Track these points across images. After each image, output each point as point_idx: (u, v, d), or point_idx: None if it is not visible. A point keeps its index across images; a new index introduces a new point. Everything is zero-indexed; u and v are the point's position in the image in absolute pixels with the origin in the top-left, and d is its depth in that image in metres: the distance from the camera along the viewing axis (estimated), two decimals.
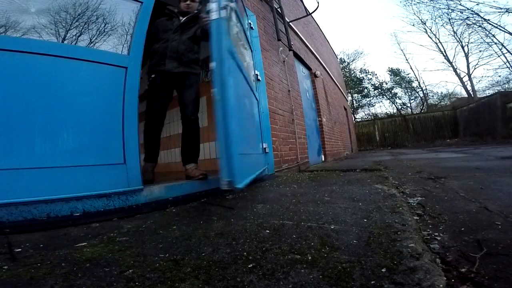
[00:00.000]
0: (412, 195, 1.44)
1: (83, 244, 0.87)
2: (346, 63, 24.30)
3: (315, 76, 5.51)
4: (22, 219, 1.15)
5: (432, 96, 22.45)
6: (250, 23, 2.83)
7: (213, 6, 1.31)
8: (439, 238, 0.80)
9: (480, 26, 14.32)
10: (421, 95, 22.41)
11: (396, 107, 23.40)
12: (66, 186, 1.27)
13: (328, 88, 6.91)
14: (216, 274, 0.62)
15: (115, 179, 1.43)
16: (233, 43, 1.62)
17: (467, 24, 14.91)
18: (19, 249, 0.83)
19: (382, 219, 0.96)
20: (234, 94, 1.35)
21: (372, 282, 0.54)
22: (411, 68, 36.36)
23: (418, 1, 16.57)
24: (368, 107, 24.68)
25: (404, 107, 23.27)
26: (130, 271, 0.65)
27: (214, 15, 1.30)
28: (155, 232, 0.98)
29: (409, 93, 23.24)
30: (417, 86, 22.73)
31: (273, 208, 1.24)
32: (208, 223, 1.07)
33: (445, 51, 19.54)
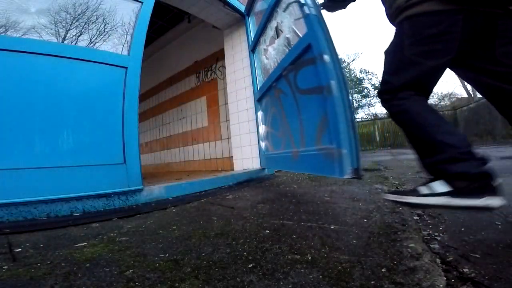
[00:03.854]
0: None
1: (83, 244, 0.87)
2: (346, 63, 24.31)
3: None
4: (22, 219, 1.15)
5: (432, 96, 22.44)
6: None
7: (309, 1, 1.30)
8: (439, 238, 0.80)
9: None
10: None
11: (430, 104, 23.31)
12: (66, 186, 1.27)
13: None
14: (216, 274, 0.62)
15: (115, 179, 1.43)
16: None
17: None
18: (19, 249, 0.83)
19: (382, 219, 0.96)
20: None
21: (372, 282, 0.54)
22: None
23: None
24: (368, 107, 24.68)
25: None
26: (130, 271, 0.65)
27: (312, 11, 1.29)
28: (155, 232, 0.98)
29: None
30: None
31: (273, 208, 1.24)
32: (208, 223, 1.07)
33: None
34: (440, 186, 0.78)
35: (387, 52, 0.98)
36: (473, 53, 0.87)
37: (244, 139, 2.89)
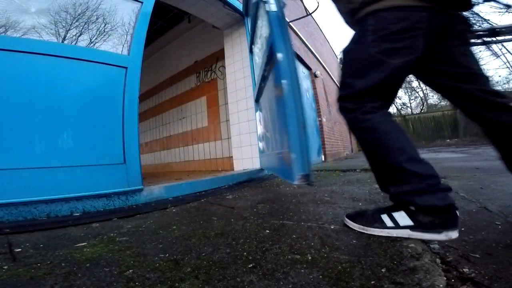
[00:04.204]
0: None
1: (83, 244, 0.87)
2: None
3: (315, 76, 5.52)
4: (22, 219, 1.15)
5: (432, 96, 22.46)
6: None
7: None
8: None
9: (480, 26, 14.33)
10: (421, 95, 22.42)
11: (396, 107, 23.39)
12: (66, 186, 1.27)
13: (328, 88, 6.91)
14: (216, 274, 0.62)
15: (115, 179, 1.43)
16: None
17: None
18: (19, 249, 0.83)
19: None
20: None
21: (372, 282, 0.54)
22: None
23: None
24: None
25: (404, 107, 23.29)
26: (130, 271, 0.65)
27: (273, 7, 1.26)
28: (155, 232, 0.98)
29: (409, 93, 23.26)
30: (417, 86, 22.73)
31: (273, 208, 1.24)
32: (208, 223, 1.07)
33: None
34: (402, 219, 0.78)
35: (347, 52, 0.90)
36: (431, 55, 0.86)
37: (244, 139, 2.89)
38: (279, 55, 1.19)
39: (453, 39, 0.83)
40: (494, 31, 1.01)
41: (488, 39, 1.10)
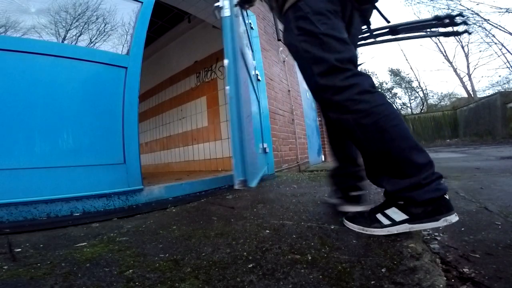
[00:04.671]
0: None
1: (83, 244, 0.87)
2: None
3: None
4: (22, 219, 1.15)
5: (432, 96, 22.47)
6: (250, 23, 2.84)
7: (225, 3, 1.30)
8: (439, 238, 0.80)
9: (480, 26, 14.35)
10: (421, 95, 22.42)
11: (396, 107, 23.39)
12: (66, 186, 1.27)
13: None
14: (216, 274, 0.62)
15: (115, 179, 1.43)
16: (242, 41, 1.66)
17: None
18: (19, 249, 0.83)
19: None
20: (244, 92, 1.41)
21: (372, 282, 0.54)
22: (411, 68, 36.44)
23: (418, 1, 16.59)
24: None
25: (404, 107, 23.29)
26: (130, 271, 0.65)
27: (226, 12, 1.29)
28: (155, 232, 0.98)
29: (409, 93, 23.27)
30: (417, 86, 22.74)
31: (273, 208, 1.24)
32: (208, 223, 1.07)
33: (445, 51, 19.57)
34: (396, 215, 0.76)
35: (299, 42, 0.86)
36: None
37: None
38: (225, 61, 1.24)
39: (352, 27, 0.92)
40: (395, 29, 1.06)
41: (386, 37, 1.17)
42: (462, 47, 17.80)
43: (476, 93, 17.05)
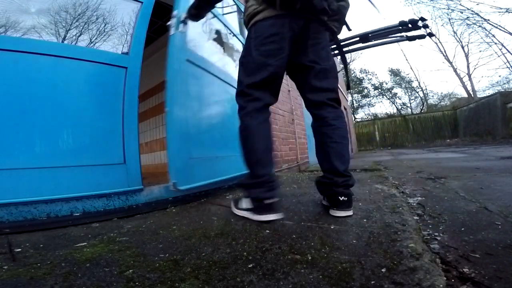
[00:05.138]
0: (412, 195, 1.44)
1: (83, 244, 0.87)
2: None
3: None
4: (22, 219, 1.15)
5: (432, 96, 22.49)
6: None
7: (173, 21, 1.52)
8: (439, 238, 0.80)
9: (480, 26, 14.36)
10: (421, 95, 22.44)
11: (396, 107, 23.42)
12: (66, 186, 1.27)
13: None
14: (216, 274, 0.62)
15: (115, 179, 1.43)
16: (201, 50, 1.86)
17: (467, 24, 14.95)
18: (19, 249, 0.83)
19: (382, 219, 0.96)
20: (197, 102, 1.72)
21: (372, 282, 0.54)
22: (411, 68, 36.48)
23: (418, 1, 16.60)
24: (368, 107, 24.71)
25: (404, 107, 23.31)
26: (130, 271, 0.65)
27: (172, 31, 1.51)
28: (155, 232, 0.98)
29: (409, 93, 23.28)
30: (417, 86, 22.75)
31: None
32: (208, 223, 1.07)
33: (445, 51, 19.58)
34: (246, 204, 1.08)
35: (241, 57, 1.13)
36: (295, 54, 1.09)
37: None
38: (167, 78, 1.48)
39: (310, 38, 1.06)
40: (366, 37, 1.17)
41: (358, 45, 1.29)
42: (462, 47, 17.81)
43: (476, 93, 17.07)
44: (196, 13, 1.41)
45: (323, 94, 1.09)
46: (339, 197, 1.01)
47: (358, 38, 1.08)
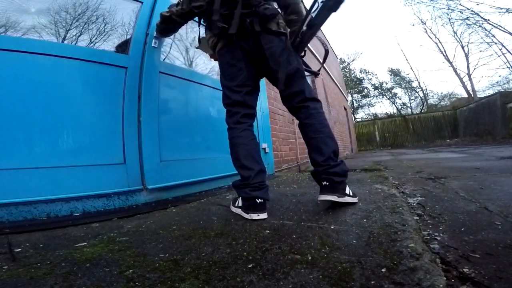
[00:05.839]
0: (412, 195, 1.44)
1: (83, 244, 0.87)
2: (346, 63, 24.31)
3: (315, 76, 5.51)
4: (22, 219, 1.15)
5: (432, 96, 22.49)
6: None
7: (146, 38, 1.67)
8: (439, 238, 0.80)
9: (480, 26, 14.36)
10: (421, 95, 22.45)
11: (396, 107, 23.43)
12: (66, 186, 1.27)
13: (328, 88, 6.91)
14: (216, 274, 0.62)
15: (115, 179, 1.43)
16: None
17: (467, 24, 14.95)
18: (19, 249, 0.83)
19: (382, 219, 0.96)
20: (174, 109, 1.84)
21: (372, 282, 0.54)
22: (411, 68, 36.50)
23: (418, 1, 16.60)
24: (368, 107, 24.73)
25: (404, 107, 23.32)
26: (130, 271, 0.65)
27: (152, 43, 1.66)
28: (155, 232, 0.98)
29: (409, 93, 23.29)
30: (417, 86, 22.76)
31: (273, 208, 1.24)
32: (208, 223, 1.07)
33: (445, 51, 19.58)
34: (240, 202, 1.18)
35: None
36: (259, 67, 1.22)
37: None
38: (142, 91, 1.60)
39: (265, 49, 1.14)
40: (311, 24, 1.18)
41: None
42: (462, 47, 17.81)
43: (476, 93, 17.06)
44: (163, 32, 1.64)
45: (292, 100, 1.22)
46: (322, 183, 1.11)
47: (307, 26, 1.11)
